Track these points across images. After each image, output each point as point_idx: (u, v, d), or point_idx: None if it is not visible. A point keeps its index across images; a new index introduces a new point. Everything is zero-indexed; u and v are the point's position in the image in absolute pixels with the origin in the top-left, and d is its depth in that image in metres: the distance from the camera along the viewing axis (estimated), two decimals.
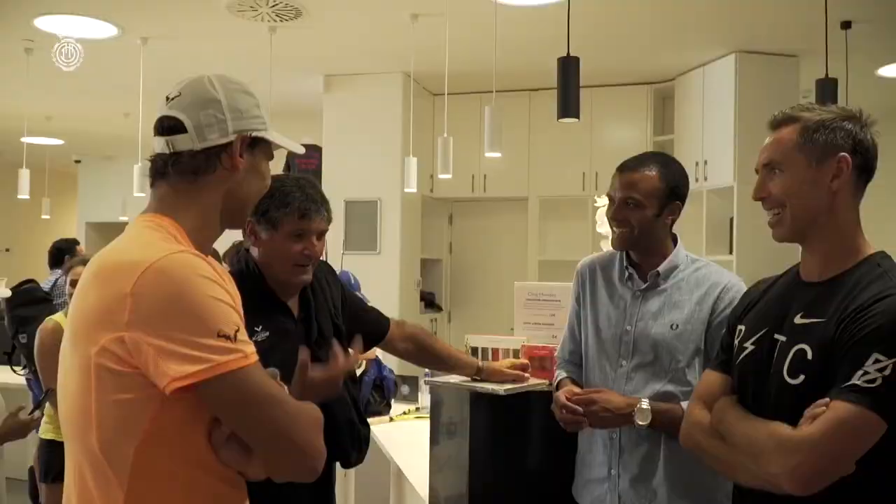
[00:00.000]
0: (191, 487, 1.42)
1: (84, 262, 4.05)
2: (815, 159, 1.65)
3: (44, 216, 9.43)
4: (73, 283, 3.98)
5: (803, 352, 1.60)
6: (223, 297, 1.39)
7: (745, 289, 2.22)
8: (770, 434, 1.57)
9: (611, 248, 2.40)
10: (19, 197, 6.95)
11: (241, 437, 1.41)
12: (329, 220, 2.28)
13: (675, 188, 2.26)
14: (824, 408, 1.50)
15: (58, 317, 3.94)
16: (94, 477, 1.40)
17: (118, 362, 1.34)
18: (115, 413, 1.37)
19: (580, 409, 2.19)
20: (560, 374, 2.44)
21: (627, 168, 2.28)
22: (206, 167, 1.51)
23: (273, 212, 2.16)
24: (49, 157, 10.46)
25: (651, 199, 2.24)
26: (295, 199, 2.17)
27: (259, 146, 1.57)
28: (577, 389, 2.29)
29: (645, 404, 2.15)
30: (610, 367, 2.30)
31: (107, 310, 1.35)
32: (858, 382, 1.48)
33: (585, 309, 2.41)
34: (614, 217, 2.27)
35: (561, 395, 2.25)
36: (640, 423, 2.15)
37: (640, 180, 2.24)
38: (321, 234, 2.25)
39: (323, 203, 2.25)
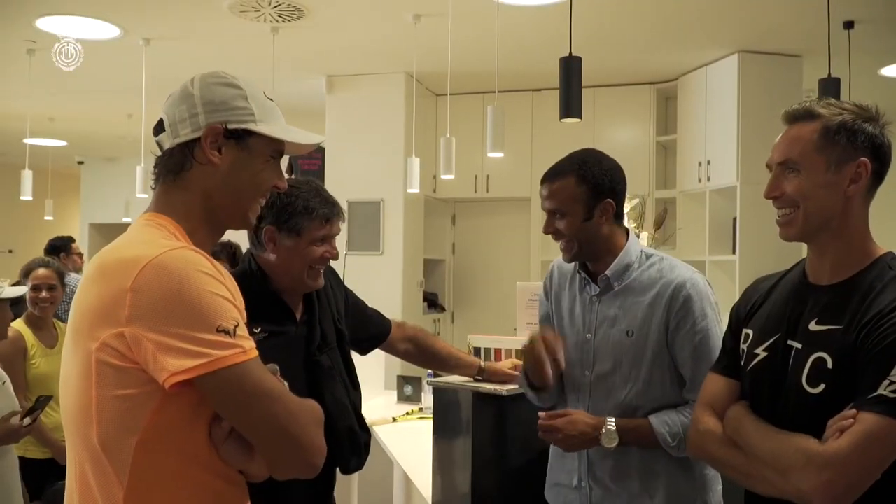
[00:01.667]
0: (191, 484, 1.42)
1: (44, 264, 3.98)
2: (834, 163, 1.61)
3: (46, 217, 9.43)
4: (36, 288, 3.86)
5: (822, 360, 1.57)
6: (222, 292, 1.39)
7: (700, 284, 2.15)
8: (798, 449, 1.53)
9: None
10: (22, 198, 6.96)
11: (241, 435, 1.41)
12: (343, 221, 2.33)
13: (598, 186, 2.16)
14: (851, 420, 1.46)
15: (17, 324, 3.86)
16: (94, 473, 1.40)
17: (119, 358, 1.35)
18: (115, 408, 1.37)
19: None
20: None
21: (545, 179, 2.22)
22: (183, 163, 1.51)
23: (296, 219, 2.17)
24: (52, 159, 10.49)
25: (573, 204, 2.16)
26: (317, 205, 2.20)
27: (250, 140, 1.52)
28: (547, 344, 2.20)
29: (611, 425, 2.11)
30: (577, 376, 2.25)
31: (107, 305, 1.35)
32: (885, 393, 1.45)
33: (550, 315, 2.37)
34: (545, 231, 2.23)
35: (555, 433, 2.18)
36: (607, 445, 2.11)
37: (558, 190, 2.17)
38: (335, 238, 2.29)
39: (339, 207, 2.29)
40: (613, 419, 2.12)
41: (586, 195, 2.16)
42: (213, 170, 1.51)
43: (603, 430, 2.11)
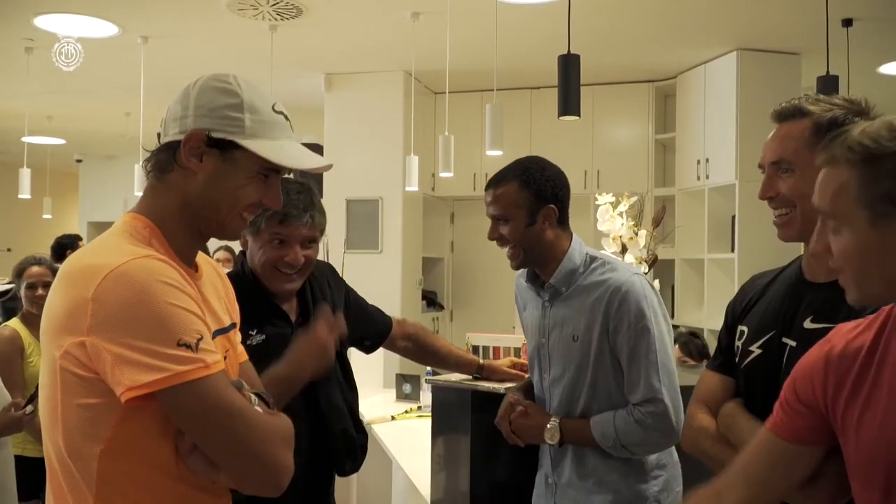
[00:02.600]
0: (160, 493, 1.40)
1: (36, 262, 3.96)
2: None
3: (45, 216, 9.43)
4: (31, 286, 3.84)
5: None
6: (186, 304, 1.35)
7: (637, 285, 2.17)
8: None
9: (613, 248, 2.39)
10: (20, 197, 6.95)
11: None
12: (319, 227, 2.20)
13: (540, 192, 2.20)
14: None
15: (14, 323, 3.85)
16: (65, 477, 1.39)
17: (81, 367, 1.33)
18: (79, 417, 1.35)
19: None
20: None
21: (489, 185, 2.26)
22: (166, 164, 1.47)
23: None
24: (50, 157, 10.47)
25: (516, 210, 2.19)
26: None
27: (236, 152, 1.45)
28: (513, 400, 2.32)
29: (553, 423, 2.18)
30: (538, 379, 2.32)
31: (70, 314, 1.33)
32: None
33: (520, 322, 2.44)
34: (490, 237, 2.26)
35: (503, 420, 2.31)
36: (549, 441, 2.19)
37: (501, 195, 2.22)
38: (308, 242, 2.18)
39: (309, 209, 2.15)
40: (558, 418, 2.19)
41: (529, 200, 2.20)
42: (192, 176, 1.46)
43: (548, 425, 2.19)
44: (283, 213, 2.10)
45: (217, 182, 1.46)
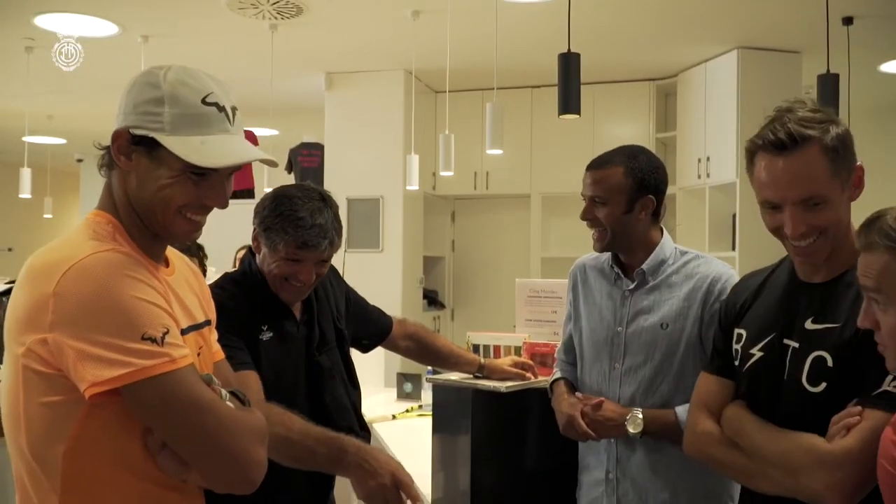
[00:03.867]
0: (127, 493, 1.35)
1: None
2: (844, 180, 1.59)
3: (46, 215, 9.44)
4: None
5: (822, 359, 1.56)
6: (151, 297, 1.31)
7: (735, 278, 2.16)
8: (807, 450, 1.50)
9: None
10: (21, 196, 6.95)
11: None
12: (337, 246, 2.17)
13: (643, 181, 2.20)
14: (858, 417, 1.44)
15: None
16: (30, 479, 1.35)
17: (43, 364, 1.28)
18: (42, 415, 1.31)
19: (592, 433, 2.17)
20: (555, 374, 2.44)
21: (593, 166, 2.26)
22: (111, 163, 1.44)
23: (273, 233, 2.09)
24: (51, 156, 10.47)
25: (617, 195, 2.19)
26: (300, 227, 2.07)
27: (161, 149, 1.38)
28: (578, 398, 2.26)
29: (638, 413, 2.13)
30: (606, 369, 2.26)
31: (32, 310, 1.29)
32: (889, 388, 1.43)
33: (578, 310, 2.38)
34: (583, 217, 2.25)
35: (577, 416, 2.19)
36: (632, 431, 2.13)
37: (605, 177, 2.21)
38: (322, 262, 2.16)
39: (328, 235, 2.11)
40: (640, 409, 2.14)
41: (630, 188, 2.20)
42: (128, 175, 1.42)
43: (629, 415, 2.13)
44: (303, 240, 2.08)
45: (145, 181, 1.40)
